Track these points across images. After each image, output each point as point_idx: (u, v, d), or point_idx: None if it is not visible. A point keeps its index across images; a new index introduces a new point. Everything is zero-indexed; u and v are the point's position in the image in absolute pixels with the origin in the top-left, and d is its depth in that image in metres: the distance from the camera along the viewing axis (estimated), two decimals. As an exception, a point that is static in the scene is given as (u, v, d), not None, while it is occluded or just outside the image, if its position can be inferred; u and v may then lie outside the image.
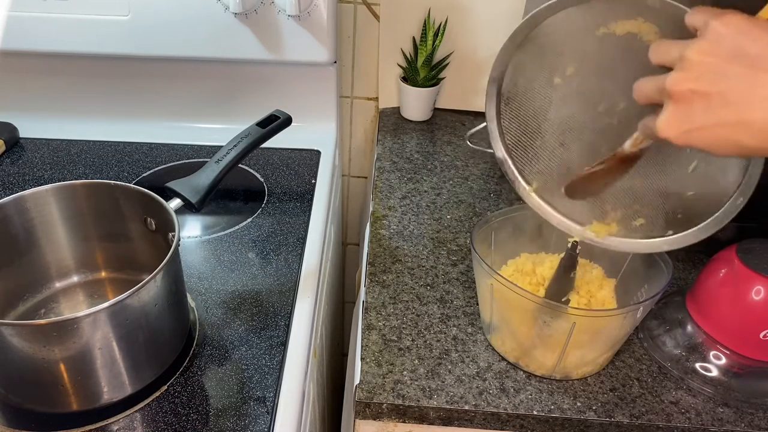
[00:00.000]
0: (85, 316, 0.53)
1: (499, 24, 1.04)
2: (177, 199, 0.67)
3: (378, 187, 0.92)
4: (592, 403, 0.63)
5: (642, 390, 0.64)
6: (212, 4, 0.91)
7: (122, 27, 0.93)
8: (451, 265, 0.78)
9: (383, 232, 0.83)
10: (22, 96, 1.04)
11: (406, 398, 0.62)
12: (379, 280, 0.76)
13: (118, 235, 0.70)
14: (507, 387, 0.64)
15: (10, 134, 0.99)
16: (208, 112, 1.06)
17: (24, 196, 0.64)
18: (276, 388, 0.63)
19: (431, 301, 0.73)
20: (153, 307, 0.59)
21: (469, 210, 0.88)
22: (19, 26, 0.93)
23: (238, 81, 1.03)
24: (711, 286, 0.66)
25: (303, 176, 0.96)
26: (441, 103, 1.12)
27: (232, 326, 0.70)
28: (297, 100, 1.03)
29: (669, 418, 0.62)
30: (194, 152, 1.00)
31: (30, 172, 0.94)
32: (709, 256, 0.68)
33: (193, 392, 0.62)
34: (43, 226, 0.67)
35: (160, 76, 1.02)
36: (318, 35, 0.95)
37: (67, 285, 0.71)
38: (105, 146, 1.01)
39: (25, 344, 0.54)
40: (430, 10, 1.02)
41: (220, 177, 0.70)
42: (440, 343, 0.68)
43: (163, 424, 0.59)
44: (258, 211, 0.88)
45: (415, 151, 1.01)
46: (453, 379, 0.64)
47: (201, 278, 0.76)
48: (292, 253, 0.80)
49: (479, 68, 1.08)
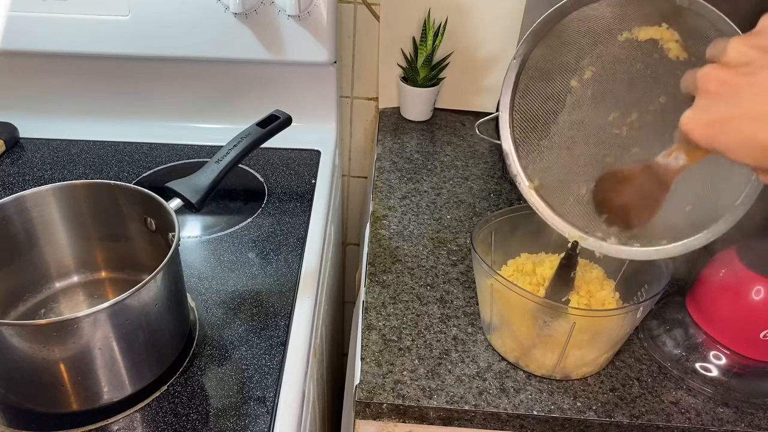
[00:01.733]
0: (85, 316, 0.53)
1: (499, 24, 1.04)
2: (177, 199, 0.67)
3: (378, 187, 0.92)
4: (592, 403, 0.63)
5: (642, 390, 0.64)
6: (212, 4, 0.91)
7: (122, 27, 0.93)
8: (451, 265, 0.78)
9: (383, 232, 0.83)
10: (23, 96, 1.04)
11: (406, 398, 0.62)
12: (379, 280, 0.76)
13: (118, 235, 0.70)
14: (507, 387, 0.64)
15: (10, 134, 0.99)
16: (207, 112, 1.06)
17: (24, 196, 0.64)
18: (276, 388, 0.63)
19: (431, 301, 0.73)
20: (153, 307, 0.59)
21: (469, 210, 0.88)
22: (19, 26, 0.93)
23: (238, 81, 1.03)
24: (711, 286, 0.66)
25: (303, 176, 0.96)
26: (441, 103, 1.12)
27: (232, 326, 0.70)
28: (297, 100, 1.03)
29: (669, 418, 0.62)
30: (194, 152, 1.00)
31: (30, 172, 0.94)
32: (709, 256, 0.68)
33: (193, 392, 0.62)
34: (43, 226, 0.67)
35: (159, 76, 1.02)
36: (318, 35, 0.95)
37: (67, 285, 0.71)
38: (105, 146, 1.01)
39: (25, 344, 0.54)
40: (430, 10, 1.02)
41: (220, 177, 0.70)
42: (440, 343, 0.68)
43: (163, 424, 0.59)
44: (258, 211, 0.88)
45: (415, 151, 1.01)
46: (453, 379, 0.64)
47: (201, 278, 0.76)
48: (292, 253, 0.80)
49: (479, 68, 1.08)
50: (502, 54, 1.06)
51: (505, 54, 1.06)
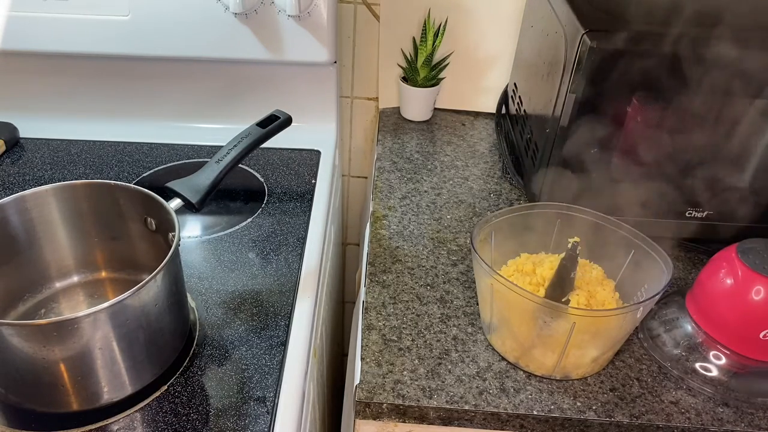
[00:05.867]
0: (85, 316, 0.53)
1: (499, 24, 1.04)
2: (177, 199, 0.67)
3: (378, 187, 0.92)
4: (592, 403, 0.63)
5: (642, 390, 0.64)
6: (212, 5, 0.91)
7: (122, 27, 0.93)
8: (451, 265, 0.78)
9: (383, 232, 0.83)
10: (23, 96, 1.04)
11: (406, 398, 0.62)
12: (379, 280, 0.76)
13: (119, 235, 0.70)
14: (507, 387, 0.64)
15: (11, 134, 0.99)
16: (207, 112, 1.06)
17: (24, 196, 0.64)
18: (276, 388, 0.63)
19: (431, 301, 0.73)
20: (153, 307, 0.59)
21: (469, 210, 0.88)
22: (19, 26, 0.93)
23: (237, 81, 1.03)
24: (711, 286, 0.66)
25: (303, 176, 0.96)
26: (441, 103, 1.12)
27: (232, 326, 0.70)
28: (297, 100, 1.03)
29: (669, 418, 0.62)
30: (194, 152, 1.00)
31: (30, 172, 0.94)
32: (709, 256, 0.68)
33: (194, 392, 0.62)
34: (43, 226, 0.67)
35: (159, 76, 1.02)
36: (318, 35, 0.95)
37: (67, 285, 0.71)
38: (105, 146, 1.01)
39: (25, 344, 0.54)
40: (430, 10, 1.02)
41: (220, 177, 0.70)
42: (440, 343, 0.68)
43: (163, 424, 0.59)
44: (258, 211, 0.88)
45: (415, 151, 1.01)
46: (453, 379, 0.64)
47: (201, 278, 0.76)
48: (292, 253, 0.80)
49: (479, 68, 1.08)
50: (502, 54, 1.06)
51: (504, 54, 1.06)
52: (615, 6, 0.75)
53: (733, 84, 0.68)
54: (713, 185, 0.76)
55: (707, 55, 0.67)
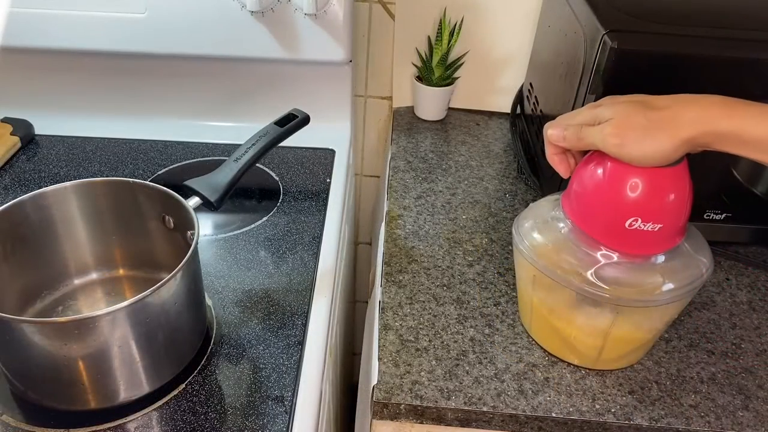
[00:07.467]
0: (105, 314, 0.53)
1: (515, 24, 1.03)
2: (195, 198, 0.67)
3: (393, 186, 0.92)
4: (610, 405, 0.62)
5: (661, 393, 0.64)
6: (229, 3, 0.91)
7: (139, 25, 0.93)
8: (468, 266, 0.78)
9: (398, 231, 0.83)
10: (38, 93, 1.04)
11: (424, 399, 0.62)
12: (395, 280, 0.75)
13: (137, 233, 0.70)
14: (525, 389, 0.63)
15: (26, 131, 0.99)
16: (222, 110, 1.06)
17: (44, 192, 0.64)
18: (294, 387, 0.63)
19: (448, 301, 0.73)
20: (173, 306, 0.59)
21: (484, 210, 0.88)
22: (35, 23, 0.94)
23: (253, 79, 1.03)
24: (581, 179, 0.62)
25: (318, 175, 0.96)
26: (455, 102, 1.12)
27: (249, 325, 0.70)
28: (312, 98, 1.03)
29: (689, 422, 0.61)
30: (209, 150, 1.00)
31: (45, 169, 0.94)
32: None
33: (211, 391, 0.62)
34: (62, 223, 0.67)
35: (175, 74, 1.02)
36: (334, 34, 0.94)
37: (86, 282, 0.71)
38: (120, 143, 1.01)
39: (45, 342, 0.54)
40: (446, 9, 1.02)
41: (238, 175, 0.70)
42: (457, 344, 0.68)
43: (180, 423, 0.59)
44: (273, 210, 0.88)
45: (430, 151, 1.01)
46: (471, 381, 0.64)
47: (217, 277, 0.76)
48: (308, 252, 0.80)
49: (494, 68, 1.08)
50: (518, 54, 1.05)
51: (520, 54, 1.05)
52: (635, 6, 0.75)
53: (756, 85, 0.67)
54: (732, 187, 0.76)
55: (729, 56, 0.67)
